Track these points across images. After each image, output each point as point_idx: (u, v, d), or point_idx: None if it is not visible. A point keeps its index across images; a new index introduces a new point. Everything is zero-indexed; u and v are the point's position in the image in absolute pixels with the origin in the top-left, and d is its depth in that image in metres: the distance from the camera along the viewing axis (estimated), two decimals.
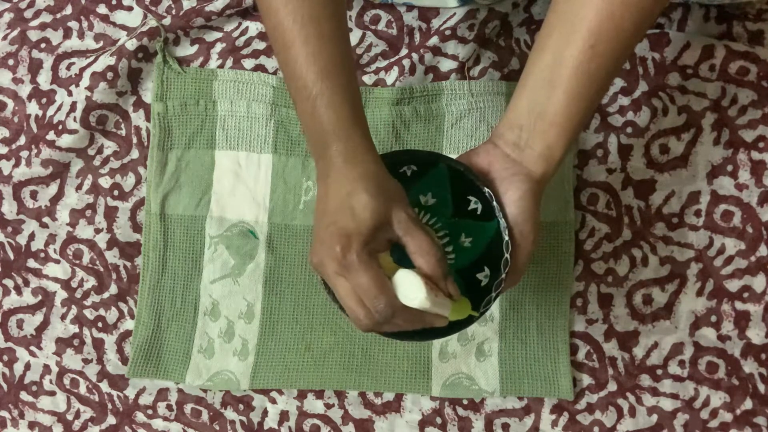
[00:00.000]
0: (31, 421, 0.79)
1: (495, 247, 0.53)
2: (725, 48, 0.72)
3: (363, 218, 0.47)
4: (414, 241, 0.48)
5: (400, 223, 0.48)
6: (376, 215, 0.48)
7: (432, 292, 0.47)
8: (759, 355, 0.72)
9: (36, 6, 0.80)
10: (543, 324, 0.73)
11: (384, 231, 0.49)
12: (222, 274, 0.76)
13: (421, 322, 0.49)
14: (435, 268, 0.48)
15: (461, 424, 0.74)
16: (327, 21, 0.51)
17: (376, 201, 0.48)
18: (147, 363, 0.76)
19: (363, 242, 0.47)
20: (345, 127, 0.50)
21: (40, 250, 0.79)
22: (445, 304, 0.49)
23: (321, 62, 0.51)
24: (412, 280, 0.47)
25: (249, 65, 0.77)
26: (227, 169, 0.76)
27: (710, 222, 0.72)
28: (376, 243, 0.48)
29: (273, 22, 0.52)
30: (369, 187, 0.48)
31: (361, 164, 0.50)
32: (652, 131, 0.73)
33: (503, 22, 0.75)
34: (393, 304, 0.47)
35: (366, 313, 0.47)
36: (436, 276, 0.48)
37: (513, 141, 0.52)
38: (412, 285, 0.47)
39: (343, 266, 0.47)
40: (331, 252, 0.47)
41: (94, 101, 0.76)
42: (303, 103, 0.52)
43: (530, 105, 0.51)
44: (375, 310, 0.47)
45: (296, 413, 0.75)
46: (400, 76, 0.74)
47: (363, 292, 0.47)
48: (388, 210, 0.48)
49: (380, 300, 0.47)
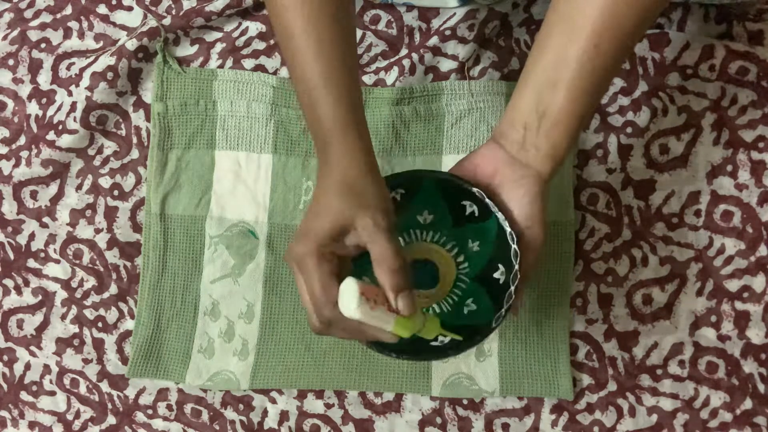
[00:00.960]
0: (31, 421, 0.79)
1: (502, 243, 0.53)
2: (725, 48, 0.72)
3: (323, 220, 0.48)
4: (375, 248, 0.48)
5: (364, 229, 0.48)
6: (336, 219, 0.48)
7: (368, 303, 0.46)
8: (759, 355, 0.72)
9: (36, 6, 0.80)
10: (543, 324, 0.73)
11: (350, 236, 0.49)
12: (222, 274, 0.76)
13: (360, 334, 0.49)
14: (387, 278, 0.47)
15: (461, 424, 0.74)
16: (332, 24, 0.52)
17: (341, 205, 0.48)
18: (147, 363, 0.76)
19: (318, 243, 0.48)
20: (341, 128, 0.51)
21: (40, 250, 0.79)
22: (386, 318, 0.47)
23: (321, 64, 0.51)
24: (351, 289, 0.46)
25: (249, 65, 0.77)
26: (227, 169, 0.76)
27: (710, 222, 0.72)
28: (338, 247, 0.49)
29: (280, 25, 0.53)
30: (340, 191, 0.49)
31: (345, 168, 0.50)
32: (651, 131, 0.73)
33: (503, 22, 0.75)
34: (332, 312, 0.47)
35: (310, 315, 0.49)
36: (388, 287, 0.47)
37: (517, 140, 0.52)
38: (348, 292, 0.46)
39: (297, 264, 0.48)
40: (292, 250, 0.49)
41: (94, 101, 0.76)
42: (306, 103, 0.53)
43: (534, 104, 0.51)
44: (319, 313, 0.48)
45: (296, 413, 0.75)
46: (400, 76, 0.74)
47: (311, 294, 0.48)
48: (352, 216, 0.48)
49: (321, 304, 0.48)
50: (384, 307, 0.47)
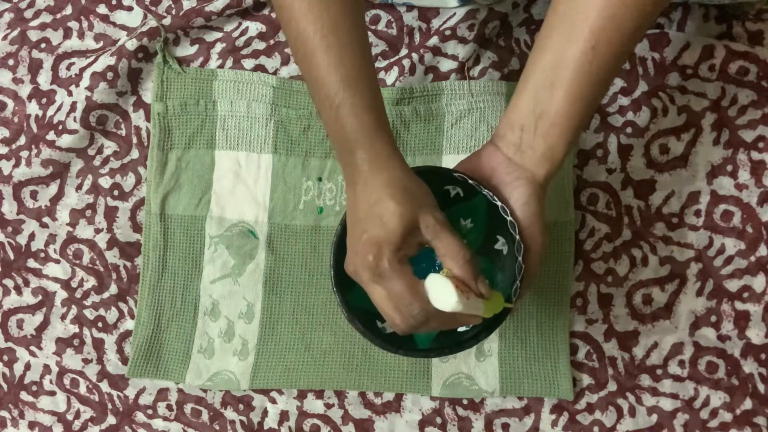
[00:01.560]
0: (31, 421, 0.79)
1: (495, 216, 0.54)
2: (725, 48, 0.72)
3: (392, 226, 0.48)
4: (442, 244, 0.49)
5: (428, 227, 0.49)
6: (404, 222, 0.48)
7: (463, 294, 0.48)
8: (759, 355, 0.72)
9: (36, 6, 0.80)
10: (543, 324, 0.73)
11: (414, 235, 0.49)
12: (222, 274, 0.76)
13: (455, 323, 0.50)
14: (464, 269, 0.48)
15: (461, 424, 0.74)
16: (347, 30, 0.52)
17: (402, 207, 0.48)
18: (147, 363, 0.76)
19: (394, 250, 0.48)
20: (368, 133, 0.51)
21: (40, 250, 0.79)
22: (478, 303, 0.49)
23: (343, 71, 0.51)
24: (443, 284, 0.48)
25: (249, 65, 0.77)
26: (227, 169, 0.76)
27: (710, 222, 0.72)
28: (407, 248, 0.49)
29: (294, 32, 0.52)
30: (395, 194, 0.49)
31: (386, 170, 0.50)
32: (652, 131, 0.73)
33: (503, 22, 0.75)
34: (426, 309, 0.48)
35: (401, 318, 0.48)
36: (466, 277, 0.48)
37: (514, 142, 0.52)
38: (443, 289, 0.47)
39: (376, 274, 0.48)
40: (364, 261, 0.48)
41: (94, 101, 0.76)
42: (327, 111, 0.52)
43: (531, 105, 0.51)
44: (410, 315, 0.48)
45: (296, 413, 0.75)
46: (400, 76, 0.74)
47: (397, 299, 0.48)
48: (415, 215, 0.49)
49: (414, 306, 0.48)
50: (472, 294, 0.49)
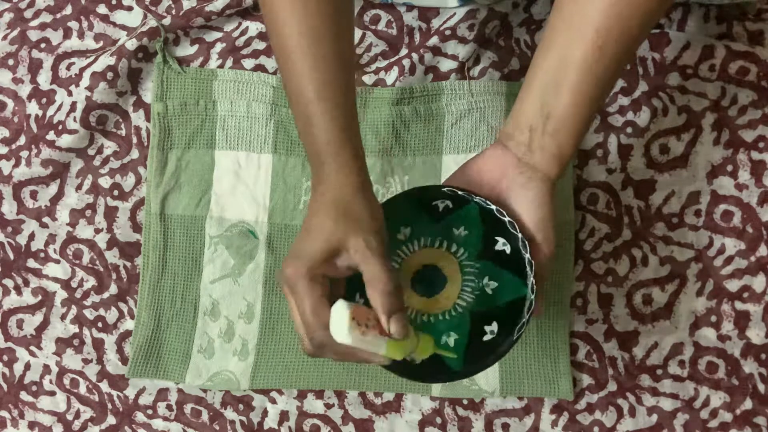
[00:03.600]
0: (31, 421, 0.79)
1: (490, 219, 0.53)
2: (725, 48, 0.72)
3: (314, 242, 0.48)
4: (367, 269, 0.48)
5: (357, 251, 0.48)
6: (328, 242, 0.48)
7: (359, 329, 0.45)
8: (759, 355, 0.72)
9: (36, 6, 0.80)
10: (543, 324, 0.73)
11: (342, 258, 0.49)
12: (222, 274, 0.76)
13: (353, 357, 0.48)
14: (380, 300, 0.47)
15: (461, 424, 0.74)
16: (328, 39, 0.52)
17: (334, 227, 0.48)
18: (147, 363, 0.76)
19: (309, 266, 0.47)
20: (334, 148, 0.51)
21: (40, 250, 0.79)
22: (379, 343, 0.47)
23: (317, 82, 0.51)
24: (340, 313, 0.45)
25: (249, 65, 0.77)
26: (227, 169, 0.76)
27: (710, 222, 0.72)
28: (330, 268, 0.49)
29: (276, 37, 0.53)
30: (331, 212, 0.49)
31: (337, 188, 0.50)
32: (652, 131, 0.73)
33: (503, 22, 0.75)
34: (323, 336, 0.47)
35: (302, 337, 0.48)
36: (381, 309, 0.47)
37: (524, 142, 0.52)
38: (338, 319, 0.45)
39: (289, 286, 0.48)
40: (284, 272, 0.48)
41: (94, 101, 0.76)
42: (300, 119, 0.53)
43: (539, 106, 0.51)
44: (310, 336, 0.47)
45: (296, 413, 0.75)
46: (400, 76, 0.74)
47: (302, 316, 0.48)
48: (344, 237, 0.48)
49: (312, 328, 0.47)
50: (376, 331, 0.47)
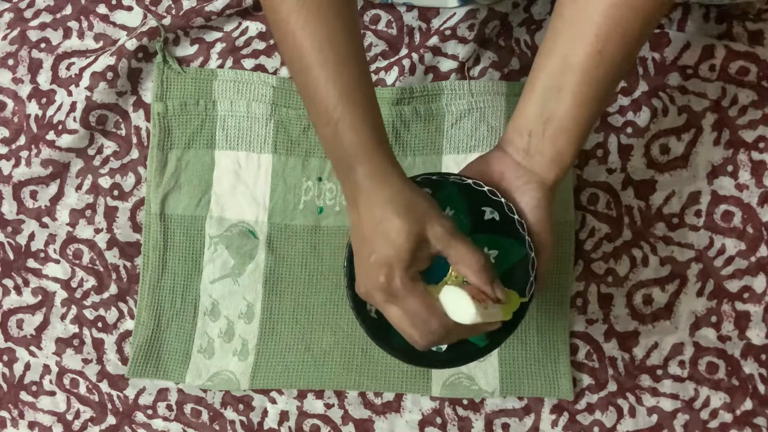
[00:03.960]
0: (31, 421, 0.79)
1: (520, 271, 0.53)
2: (725, 48, 0.72)
3: (399, 244, 0.47)
4: (454, 252, 0.48)
5: (437, 238, 0.48)
6: (412, 238, 0.47)
7: (481, 304, 0.47)
8: (759, 355, 0.72)
9: (36, 6, 0.80)
10: (543, 324, 0.73)
11: (423, 249, 0.48)
12: (222, 274, 0.76)
13: (476, 332, 0.50)
14: (479, 275, 0.48)
15: (461, 424, 0.74)
16: (344, 43, 0.51)
17: (408, 223, 0.48)
18: (147, 363, 0.76)
19: (404, 267, 0.47)
20: (368, 148, 0.50)
21: (40, 250, 0.79)
22: (496, 311, 0.48)
23: (340, 86, 0.50)
24: (459, 297, 0.47)
25: (249, 65, 0.77)
26: (227, 169, 0.76)
27: (710, 222, 0.72)
28: (418, 263, 0.48)
29: (290, 46, 0.51)
30: (399, 210, 0.48)
31: (387, 186, 0.49)
32: (652, 131, 0.73)
33: (503, 22, 0.75)
34: (445, 324, 0.47)
35: (420, 335, 0.48)
36: (482, 283, 0.48)
37: (523, 147, 0.52)
38: (460, 302, 0.46)
39: (389, 294, 0.47)
40: (376, 282, 0.47)
41: (94, 101, 0.76)
42: (324, 128, 0.51)
43: (539, 110, 0.51)
44: (429, 331, 0.47)
45: (296, 413, 0.75)
46: (400, 76, 0.74)
47: (414, 316, 0.47)
48: (422, 228, 0.48)
49: (431, 322, 0.47)
50: (489, 301, 0.48)
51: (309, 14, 0.50)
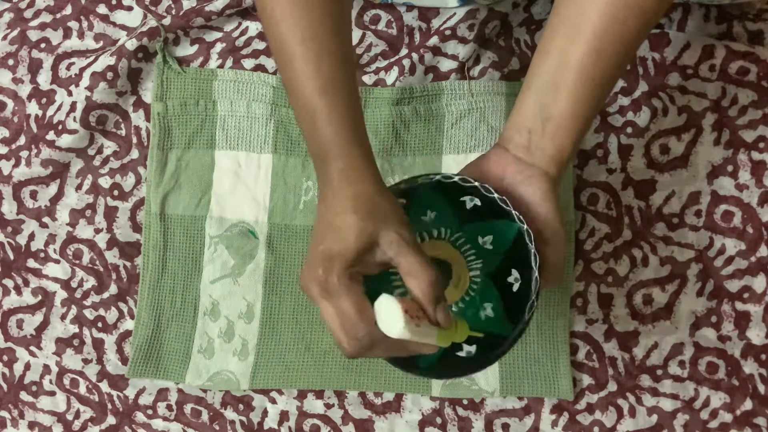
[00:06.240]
0: (31, 421, 0.79)
1: (518, 248, 0.52)
2: (725, 48, 0.72)
3: (347, 240, 0.46)
4: (405, 261, 0.46)
5: (391, 244, 0.46)
6: (362, 237, 0.46)
7: (413, 320, 0.44)
8: (759, 355, 0.72)
9: (36, 6, 0.80)
10: (543, 324, 0.73)
11: (373, 254, 0.47)
12: (222, 274, 0.76)
13: (403, 350, 0.47)
14: (424, 291, 0.45)
15: (461, 424, 0.74)
16: (329, 36, 0.50)
17: (363, 222, 0.46)
18: (147, 363, 0.76)
19: (345, 265, 0.45)
20: (343, 144, 0.50)
21: (40, 250, 0.79)
22: (430, 331, 0.45)
23: (320, 79, 0.50)
24: (391, 307, 0.44)
25: (249, 65, 0.77)
26: (227, 169, 0.76)
27: (710, 222, 0.72)
28: (364, 266, 0.47)
29: (275, 36, 0.51)
30: (358, 208, 0.47)
31: (355, 184, 0.49)
32: (652, 131, 0.73)
33: (503, 22, 0.75)
34: (371, 332, 0.45)
35: (347, 339, 0.45)
36: (425, 300, 0.45)
37: (523, 144, 0.52)
38: (391, 313, 0.44)
39: (324, 289, 0.45)
40: (315, 274, 0.45)
41: (94, 101, 0.76)
42: (303, 120, 0.51)
43: (537, 108, 0.51)
44: (355, 337, 0.45)
45: (296, 413, 0.75)
46: (400, 76, 0.74)
47: (343, 318, 0.45)
48: (376, 232, 0.46)
49: (359, 327, 0.45)
50: (425, 321, 0.45)
51: (294, 6, 0.50)
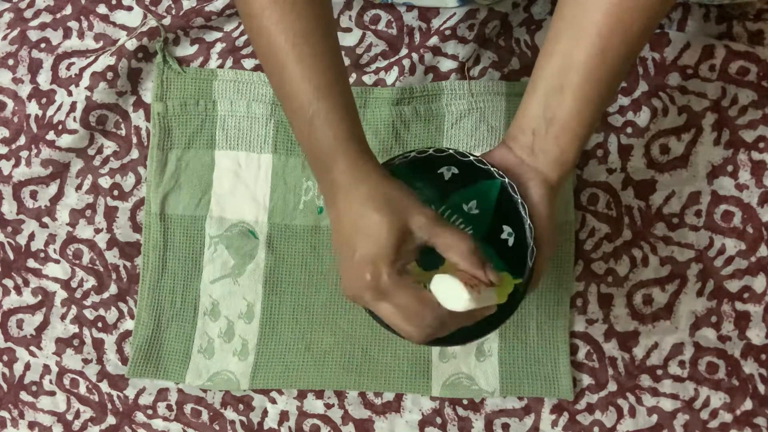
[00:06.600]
0: (31, 421, 0.79)
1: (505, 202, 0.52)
2: (725, 48, 0.72)
3: (382, 240, 0.46)
4: (441, 239, 0.47)
5: (421, 227, 0.47)
6: (394, 232, 0.46)
7: (474, 289, 0.45)
8: (759, 355, 0.72)
9: (36, 6, 0.80)
10: (543, 324, 0.73)
11: (407, 242, 0.47)
12: (222, 274, 0.76)
13: (472, 318, 0.48)
14: (470, 260, 0.46)
15: (461, 424, 0.74)
16: (319, 38, 0.50)
17: (389, 217, 0.46)
18: (147, 363, 0.76)
19: (390, 263, 0.46)
20: (343, 143, 0.50)
21: (40, 250, 0.79)
22: (490, 293, 0.47)
23: (316, 81, 0.50)
24: (451, 284, 0.45)
25: (249, 65, 0.77)
26: (227, 169, 0.76)
27: (710, 222, 0.72)
28: (403, 257, 0.47)
29: (265, 42, 0.51)
30: (377, 205, 0.47)
31: (364, 181, 0.49)
32: (652, 131, 0.73)
33: (503, 22, 0.75)
34: (439, 314, 0.46)
35: (415, 329, 0.46)
36: (474, 267, 0.47)
37: (527, 145, 0.53)
38: (452, 290, 0.45)
39: (378, 292, 0.46)
40: (363, 282, 0.46)
41: (94, 101, 0.76)
42: (300, 124, 0.51)
43: (542, 110, 0.51)
44: (423, 324, 0.46)
45: (296, 413, 0.75)
46: (400, 76, 0.74)
47: (406, 311, 0.46)
48: (403, 221, 0.47)
49: (425, 314, 0.46)
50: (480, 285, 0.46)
51: (284, 10, 0.50)
